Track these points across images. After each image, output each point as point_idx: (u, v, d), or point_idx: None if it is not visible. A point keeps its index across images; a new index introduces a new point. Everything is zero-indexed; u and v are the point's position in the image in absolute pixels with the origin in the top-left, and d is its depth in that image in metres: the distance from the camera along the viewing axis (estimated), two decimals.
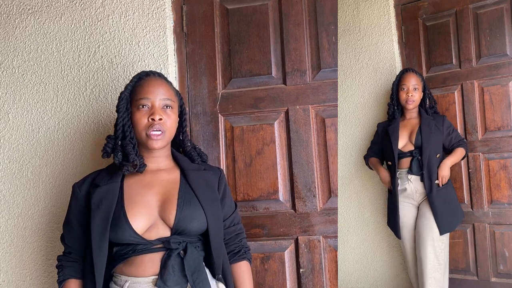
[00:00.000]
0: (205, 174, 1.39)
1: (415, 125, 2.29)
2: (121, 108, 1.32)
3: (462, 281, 2.46)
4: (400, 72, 2.38)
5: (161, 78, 1.37)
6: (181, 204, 1.28)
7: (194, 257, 1.27)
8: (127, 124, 1.31)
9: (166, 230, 1.26)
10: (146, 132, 1.29)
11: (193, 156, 1.43)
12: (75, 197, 1.34)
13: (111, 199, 1.27)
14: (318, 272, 1.75)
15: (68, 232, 1.36)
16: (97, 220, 1.25)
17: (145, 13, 1.79)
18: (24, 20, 1.85)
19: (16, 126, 1.81)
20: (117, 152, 1.29)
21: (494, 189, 2.39)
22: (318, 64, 1.82)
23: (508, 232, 2.35)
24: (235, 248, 1.43)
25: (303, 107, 1.80)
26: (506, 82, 2.37)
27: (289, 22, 1.84)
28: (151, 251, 1.25)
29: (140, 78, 1.36)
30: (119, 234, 1.22)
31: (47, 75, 1.82)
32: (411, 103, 2.29)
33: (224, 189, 1.42)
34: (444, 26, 2.55)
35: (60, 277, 1.34)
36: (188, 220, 1.26)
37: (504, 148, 2.37)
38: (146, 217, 1.25)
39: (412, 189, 2.24)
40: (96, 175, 1.37)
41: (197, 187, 1.33)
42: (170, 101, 1.33)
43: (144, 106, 1.30)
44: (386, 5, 2.64)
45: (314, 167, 1.78)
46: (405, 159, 2.25)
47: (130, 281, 1.24)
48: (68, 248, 1.36)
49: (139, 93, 1.32)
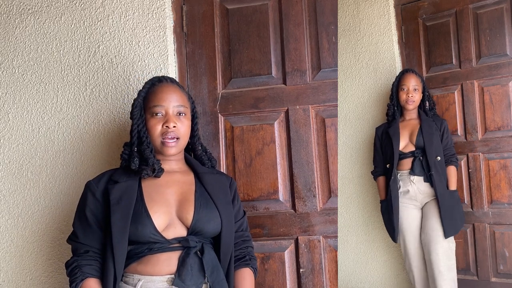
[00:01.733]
0: (219, 177, 1.42)
1: (415, 126, 2.28)
2: (136, 115, 1.33)
3: (462, 281, 2.46)
4: (400, 72, 2.38)
5: (174, 84, 1.39)
6: (199, 205, 1.30)
7: (211, 256, 1.28)
8: (143, 130, 1.32)
9: (183, 230, 1.27)
10: (161, 139, 1.31)
11: (203, 160, 1.45)
12: (92, 194, 1.31)
13: (131, 195, 1.27)
14: (318, 272, 1.75)
15: (84, 230, 1.29)
16: (117, 216, 1.23)
17: (145, 13, 1.79)
18: (24, 20, 1.85)
19: (16, 126, 1.81)
20: (134, 158, 1.30)
21: (494, 189, 2.39)
22: (318, 64, 1.82)
23: (508, 232, 2.35)
24: (240, 253, 1.42)
25: (303, 107, 1.80)
26: (506, 82, 2.37)
27: (289, 22, 1.84)
28: (167, 250, 1.24)
29: (153, 85, 1.37)
30: (139, 230, 1.22)
31: (47, 75, 1.82)
32: (411, 104, 2.28)
33: (234, 194, 1.44)
34: (444, 26, 2.55)
35: (78, 277, 1.24)
36: (205, 221, 1.28)
37: (504, 148, 2.37)
38: (165, 215, 1.26)
39: (415, 191, 2.22)
40: (113, 172, 1.36)
41: (212, 190, 1.35)
42: (183, 107, 1.34)
43: (158, 113, 1.31)
44: (386, 5, 2.64)
45: (314, 167, 1.78)
46: (406, 160, 2.24)
47: (144, 280, 1.23)
48: (83, 248, 1.28)
49: (152, 100, 1.33)
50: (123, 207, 1.24)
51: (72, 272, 1.26)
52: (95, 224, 1.29)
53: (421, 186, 2.21)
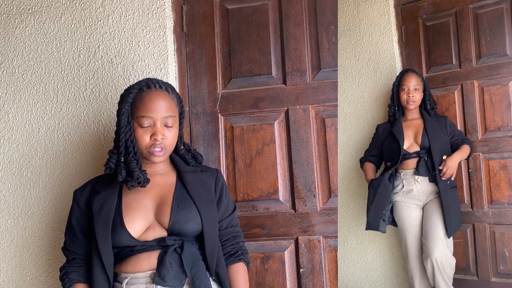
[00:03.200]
0: (202, 175, 1.40)
1: (419, 126, 2.28)
2: (123, 123, 1.29)
3: (462, 281, 2.46)
4: (400, 72, 2.38)
5: (161, 90, 1.33)
6: (176, 206, 1.30)
7: (191, 252, 1.29)
8: (130, 139, 1.29)
9: (163, 231, 1.29)
10: (148, 150, 1.30)
11: (187, 159, 1.43)
12: (77, 203, 1.37)
13: (110, 205, 1.30)
14: (318, 272, 1.75)
15: (70, 238, 1.37)
16: (99, 225, 1.28)
17: (145, 13, 1.79)
18: (24, 20, 1.85)
19: (16, 126, 1.81)
20: (121, 170, 1.29)
21: (494, 189, 2.39)
22: (318, 64, 1.82)
23: (508, 232, 2.35)
24: (231, 249, 1.42)
25: (303, 107, 1.80)
26: (506, 82, 2.37)
27: (289, 22, 1.84)
28: (148, 249, 1.28)
29: (140, 90, 1.32)
30: (116, 238, 1.27)
31: (47, 75, 1.81)
32: (412, 104, 2.28)
33: (221, 189, 1.42)
34: (444, 26, 2.55)
35: (66, 283, 1.34)
36: (183, 223, 1.29)
37: (504, 148, 2.37)
38: (142, 221, 1.29)
39: (418, 190, 2.23)
40: (95, 181, 1.40)
41: (192, 189, 1.35)
42: (171, 117, 1.32)
43: (146, 124, 1.29)
44: (386, 5, 2.64)
45: (314, 167, 1.78)
46: (411, 160, 2.24)
47: (129, 277, 1.27)
48: (71, 255, 1.37)
49: (140, 108, 1.30)
50: (103, 217, 1.29)
51: (61, 278, 1.36)
52: (79, 232, 1.35)
53: (424, 186, 2.22)
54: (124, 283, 1.27)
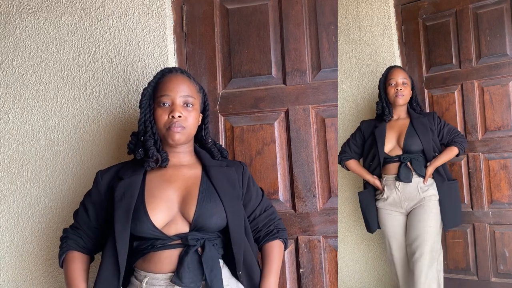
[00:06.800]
0: (227, 170, 1.41)
1: (403, 127, 2.20)
2: (144, 105, 1.35)
3: (462, 281, 2.46)
4: (387, 68, 2.30)
5: (183, 75, 1.39)
6: (202, 199, 1.29)
7: (212, 255, 1.27)
8: (149, 120, 1.34)
9: (185, 226, 1.27)
10: (166, 128, 1.32)
11: (213, 152, 1.45)
12: (96, 184, 1.39)
13: (133, 192, 1.29)
14: (318, 272, 1.75)
15: (82, 211, 1.39)
16: (119, 212, 1.27)
17: (145, 13, 1.79)
18: (24, 20, 1.85)
19: (16, 126, 1.81)
20: (139, 148, 1.32)
21: (494, 189, 2.39)
22: (318, 64, 1.82)
23: (508, 232, 2.35)
24: (268, 229, 1.44)
25: (303, 107, 1.80)
26: (506, 82, 2.37)
27: (289, 22, 1.84)
28: (169, 247, 1.26)
29: (163, 75, 1.39)
30: (138, 227, 1.24)
31: (47, 75, 1.82)
32: (401, 97, 2.18)
33: (249, 181, 1.44)
34: (444, 26, 2.55)
35: (63, 248, 1.35)
36: (208, 216, 1.27)
37: (504, 148, 2.37)
38: (165, 212, 1.27)
39: (400, 197, 2.13)
40: (120, 167, 1.40)
41: (218, 184, 1.35)
42: (191, 98, 1.35)
43: (165, 103, 1.33)
44: (386, 5, 2.64)
45: (314, 167, 1.78)
46: (392, 165, 2.15)
47: (149, 277, 1.26)
48: (76, 224, 1.39)
49: (160, 90, 1.35)
50: (125, 204, 1.27)
51: (61, 239, 1.39)
52: (91, 210, 1.37)
53: (405, 192, 2.12)
54: (144, 283, 1.25)
